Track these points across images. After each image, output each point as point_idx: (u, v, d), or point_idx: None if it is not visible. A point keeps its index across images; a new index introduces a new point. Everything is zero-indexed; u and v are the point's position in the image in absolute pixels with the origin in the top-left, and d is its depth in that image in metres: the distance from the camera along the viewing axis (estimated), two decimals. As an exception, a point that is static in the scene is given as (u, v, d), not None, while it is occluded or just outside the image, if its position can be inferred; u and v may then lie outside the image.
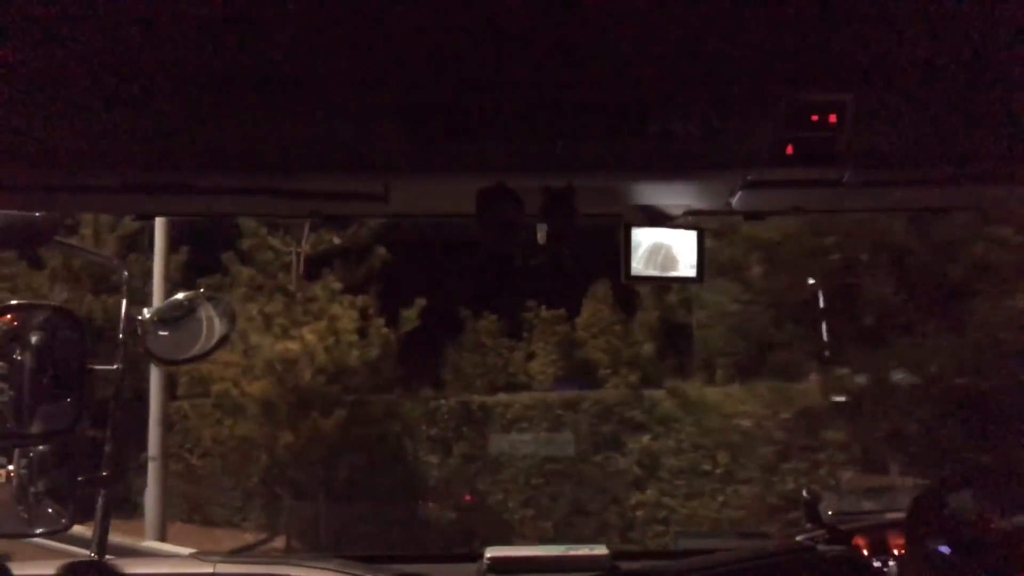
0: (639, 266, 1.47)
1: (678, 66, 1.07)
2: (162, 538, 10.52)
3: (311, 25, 1.01)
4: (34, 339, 1.54)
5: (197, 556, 1.77)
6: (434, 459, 11.45)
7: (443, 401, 11.85)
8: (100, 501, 1.74)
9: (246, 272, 11.04)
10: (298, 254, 11.12)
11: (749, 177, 1.22)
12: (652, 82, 1.08)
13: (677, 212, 1.50)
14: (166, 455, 10.96)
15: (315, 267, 11.18)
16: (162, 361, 1.89)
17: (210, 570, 1.59)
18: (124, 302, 1.78)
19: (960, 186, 1.25)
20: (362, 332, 10.59)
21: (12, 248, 1.53)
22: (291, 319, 10.22)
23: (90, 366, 1.61)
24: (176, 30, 1.00)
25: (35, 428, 1.54)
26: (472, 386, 13.13)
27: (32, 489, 1.56)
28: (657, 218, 1.49)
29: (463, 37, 1.03)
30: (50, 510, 1.57)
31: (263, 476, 10.73)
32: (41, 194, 1.25)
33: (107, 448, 1.79)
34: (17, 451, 1.57)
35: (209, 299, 1.87)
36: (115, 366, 1.75)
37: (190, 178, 1.16)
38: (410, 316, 11.23)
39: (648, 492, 10.53)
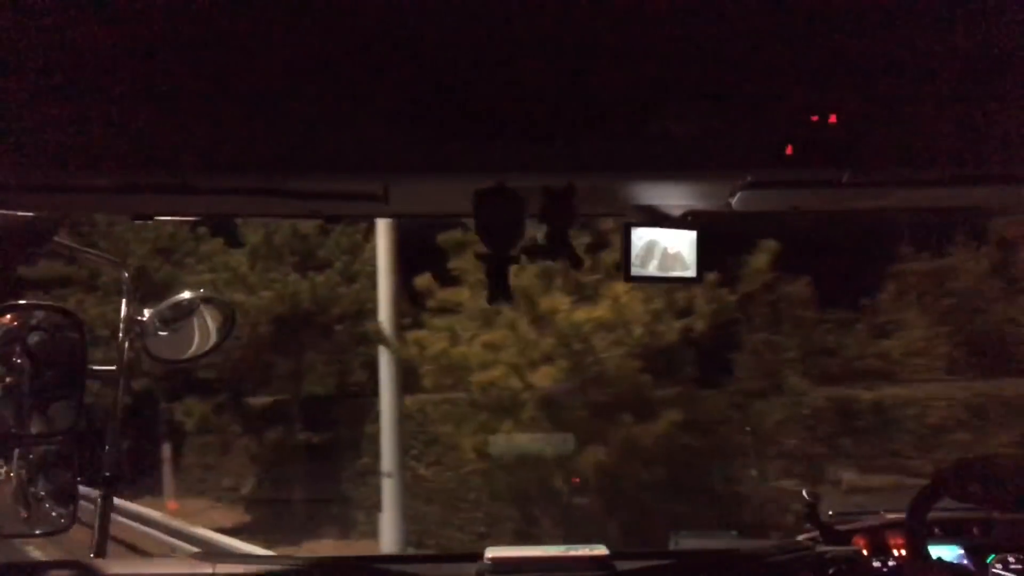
0: (639, 266, 1.47)
1: (678, 66, 1.07)
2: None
3: (311, 25, 1.01)
4: (34, 339, 1.54)
5: (197, 556, 1.77)
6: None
7: (803, 396, 7.93)
8: (100, 501, 1.74)
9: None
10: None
11: (749, 177, 1.22)
12: (652, 82, 1.09)
13: (677, 212, 1.50)
14: (402, 469, 8.36)
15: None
16: (162, 361, 1.89)
17: (210, 570, 1.59)
18: (124, 302, 1.78)
19: (960, 186, 1.25)
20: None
21: (12, 248, 1.54)
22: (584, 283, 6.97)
23: (90, 366, 1.61)
24: (176, 30, 1.00)
25: (35, 428, 1.54)
26: (811, 374, 8.42)
27: (32, 489, 1.56)
28: (657, 218, 1.49)
29: (463, 37, 1.03)
30: (50, 510, 1.57)
31: (545, 501, 7.18)
32: (41, 194, 1.25)
33: (107, 448, 1.79)
34: (17, 451, 1.57)
35: (208, 300, 1.87)
36: (114, 367, 1.75)
37: (190, 178, 1.16)
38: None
39: None
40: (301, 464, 11.31)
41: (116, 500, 1.62)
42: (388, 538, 8.01)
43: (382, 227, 8.55)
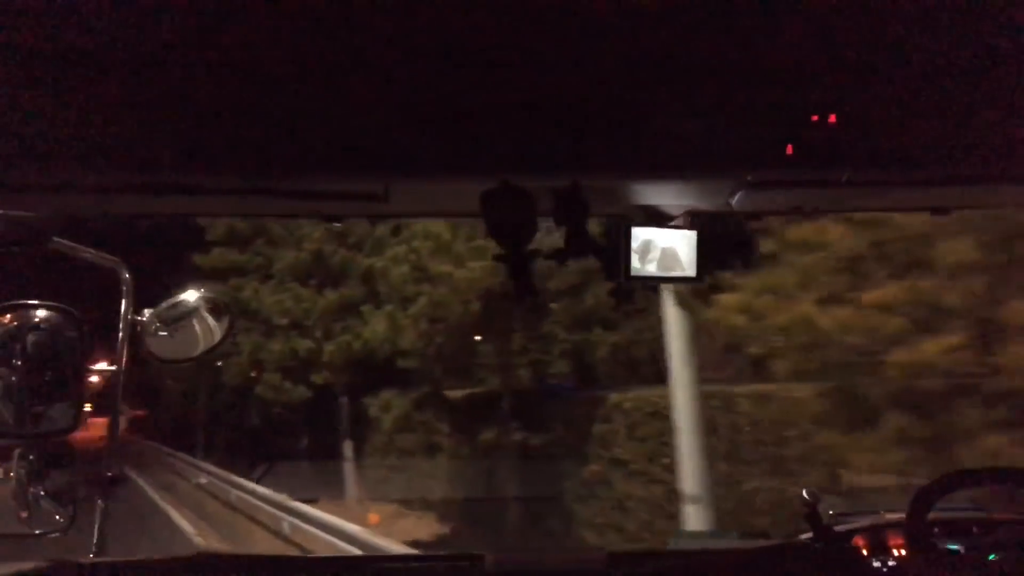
0: (639, 266, 1.47)
1: (678, 66, 1.07)
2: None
3: (311, 26, 1.01)
4: (34, 339, 1.54)
5: (197, 555, 1.77)
6: None
7: None
8: (100, 501, 1.74)
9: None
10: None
11: (749, 177, 1.22)
12: (652, 82, 1.08)
13: (677, 212, 1.50)
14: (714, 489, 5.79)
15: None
16: (163, 361, 1.88)
17: (210, 570, 1.59)
18: (124, 303, 1.78)
19: (960, 186, 1.25)
20: None
21: (12, 248, 1.53)
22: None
23: (90, 366, 1.61)
24: (176, 31, 1.00)
25: (35, 428, 1.54)
26: None
27: (32, 489, 1.56)
28: (657, 218, 1.49)
29: (463, 38, 1.03)
30: (50, 510, 1.57)
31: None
32: (41, 194, 1.25)
33: (107, 448, 1.79)
34: (17, 451, 1.56)
35: (208, 299, 1.87)
36: (115, 367, 1.75)
37: (190, 178, 1.16)
38: None
39: None
40: (516, 470, 9.59)
41: (306, 507, 1.56)
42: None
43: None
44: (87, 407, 1.59)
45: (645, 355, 8.94)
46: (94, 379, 1.73)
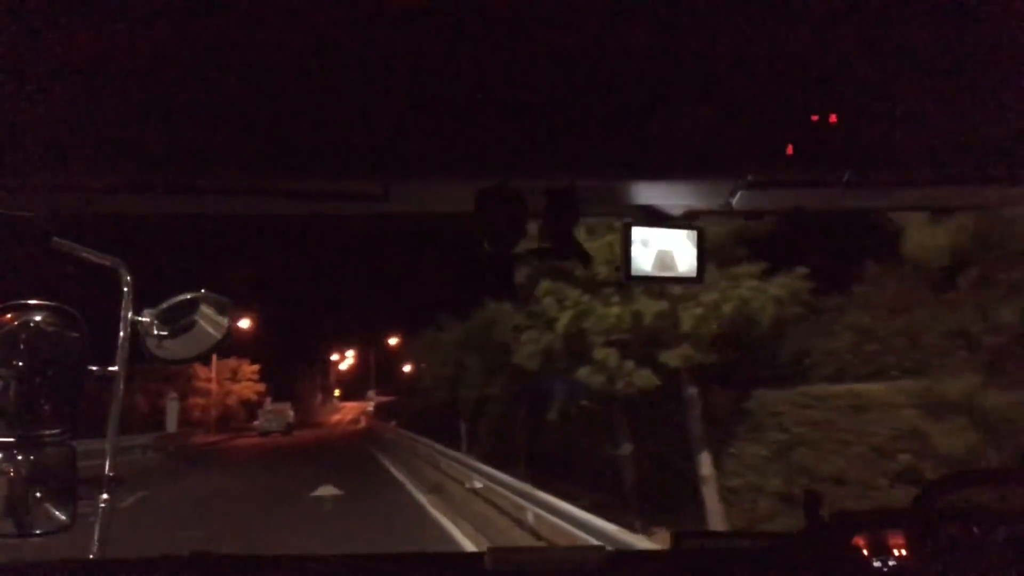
0: (639, 266, 1.47)
1: (678, 66, 1.07)
2: None
3: (311, 26, 1.01)
4: (34, 339, 1.54)
5: (197, 555, 1.77)
6: None
7: None
8: (100, 501, 1.74)
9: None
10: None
11: (749, 177, 1.22)
12: (652, 82, 1.09)
13: (677, 212, 1.50)
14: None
15: None
16: (163, 361, 1.88)
17: (210, 570, 1.59)
18: (124, 303, 1.78)
19: (960, 186, 1.25)
20: None
21: (11, 248, 1.53)
22: None
23: (90, 367, 1.61)
24: (177, 31, 1.00)
25: (35, 428, 1.54)
26: None
27: (32, 489, 1.56)
28: (657, 218, 1.49)
29: (463, 38, 1.03)
30: (50, 510, 1.57)
31: None
32: (41, 194, 1.25)
33: (107, 448, 1.79)
34: (17, 451, 1.56)
35: (208, 299, 1.86)
36: (115, 367, 1.75)
37: (190, 178, 1.17)
38: None
39: None
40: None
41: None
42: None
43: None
44: (336, 392, 1.57)
45: None
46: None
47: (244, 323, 38.18)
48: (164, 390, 31.24)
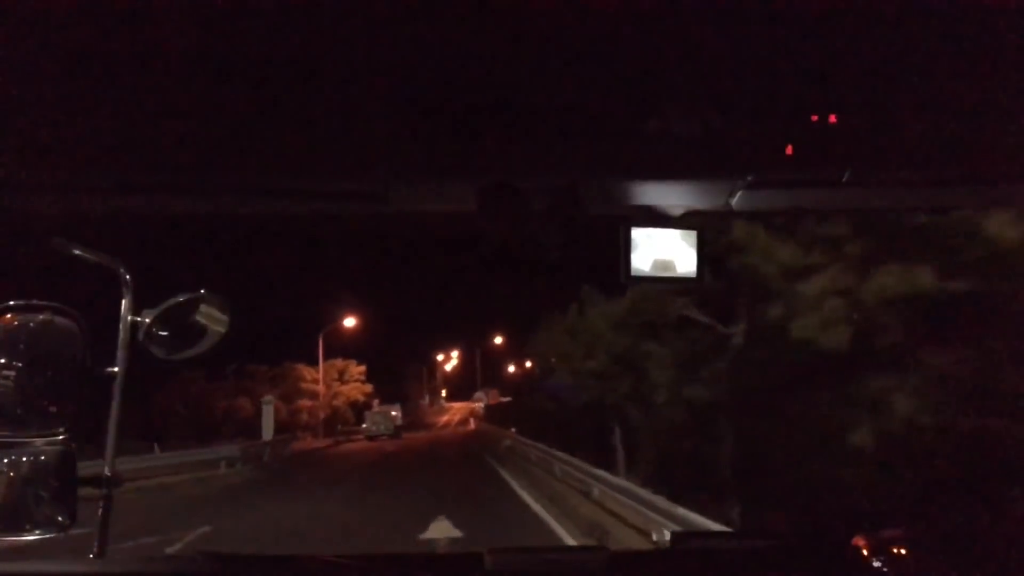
0: (638, 266, 1.47)
1: (678, 66, 1.07)
2: None
3: (311, 26, 1.01)
4: (34, 339, 1.54)
5: (196, 555, 1.77)
6: None
7: None
8: (100, 501, 1.74)
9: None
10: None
11: (749, 177, 1.22)
12: (652, 82, 1.09)
13: (677, 212, 1.50)
14: None
15: None
16: (163, 361, 1.89)
17: (210, 570, 1.59)
18: (124, 303, 1.78)
19: (960, 186, 1.25)
20: None
21: (11, 248, 1.53)
22: None
23: (90, 366, 1.61)
24: (177, 31, 1.00)
25: (35, 428, 1.54)
26: None
27: (32, 489, 1.56)
28: (657, 218, 1.49)
29: (464, 38, 1.03)
30: (50, 510, 1.57)
31: None
32: (41, 194, 1.26)
33: (107, 448, 1.79)
34: (17, 451, 1.56)
35: (207, 299, 1.87)
36: (115, 367, 1.75)
37: (190, 178, 1.17)
38: None
39: None
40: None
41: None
42: None
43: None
44: (443, 392, 1.57)
45: None
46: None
47: (349, 322, 37.41)
48: (269, 393, 28.49)
